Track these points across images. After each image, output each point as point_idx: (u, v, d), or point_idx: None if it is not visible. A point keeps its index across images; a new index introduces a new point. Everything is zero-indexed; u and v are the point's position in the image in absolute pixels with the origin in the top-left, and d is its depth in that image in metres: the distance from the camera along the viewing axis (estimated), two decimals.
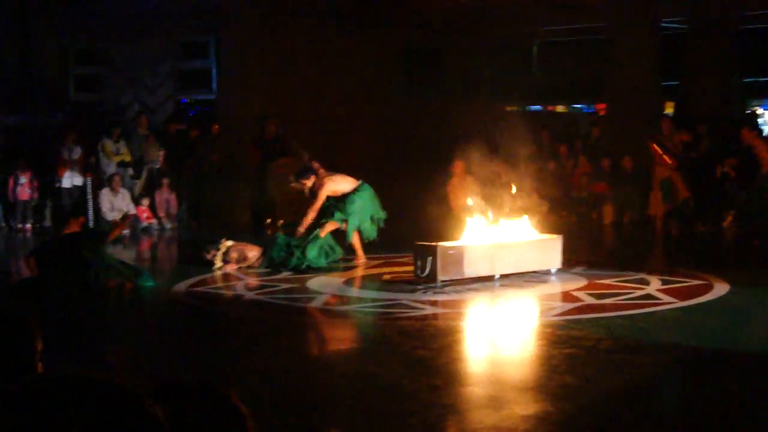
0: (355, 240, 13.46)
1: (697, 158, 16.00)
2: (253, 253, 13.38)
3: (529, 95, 19.49)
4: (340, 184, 13.41)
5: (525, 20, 19.14)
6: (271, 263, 13.24)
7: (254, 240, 14.24)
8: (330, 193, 13.29)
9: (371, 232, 13.53)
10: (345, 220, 13.24)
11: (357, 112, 19.56)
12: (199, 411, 2.41)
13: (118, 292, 11.69)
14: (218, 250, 13.33)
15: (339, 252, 13.46)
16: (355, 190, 13.38)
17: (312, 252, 13.10)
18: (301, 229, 13.24)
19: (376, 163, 19.17)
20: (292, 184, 13.70)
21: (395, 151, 19.40)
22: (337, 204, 13.32)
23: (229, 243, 13.41)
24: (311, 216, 13.26)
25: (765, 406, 7.19)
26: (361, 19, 19.81)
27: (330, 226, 13.30)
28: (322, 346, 9.46)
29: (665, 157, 15.55)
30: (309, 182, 13.39)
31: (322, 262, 13.15)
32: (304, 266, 12.99)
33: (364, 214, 13.40)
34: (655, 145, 15.82)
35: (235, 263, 13.27)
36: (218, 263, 13.25)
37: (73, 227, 12.25)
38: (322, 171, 13.73)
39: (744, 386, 7.82)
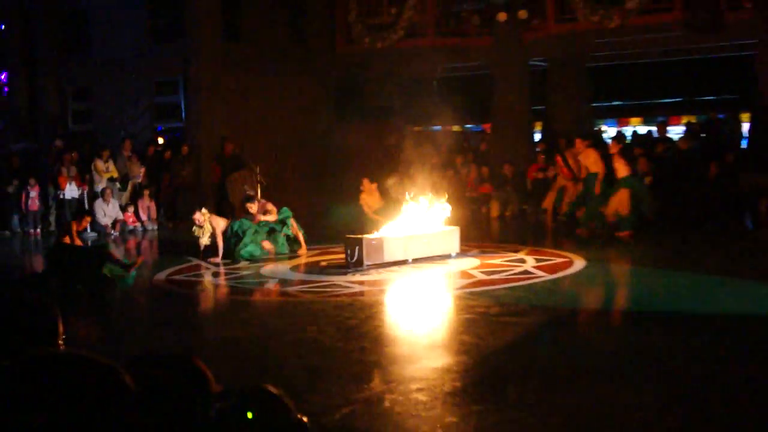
0: (299, 236, 13.46)
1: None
2: (222, 223, 13.24)
3: (432, 118, 19.57)
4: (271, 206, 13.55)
5: (427, 61, 19.23)
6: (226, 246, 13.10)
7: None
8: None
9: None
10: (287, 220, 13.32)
11: (297, 134, 19.52)
12: (169, 376, 2.36)
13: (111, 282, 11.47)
14: (200, 211, 13.22)
15: (296, 247, 13.41)
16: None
17: (247, 242, 12.95)
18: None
19: (311, 174, 19.20)
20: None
21: (326, 164, 19.36)
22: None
23: (205, 210, 13.34)
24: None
25: (620, 352, 7.28)
26: (300, 60, 19.78)
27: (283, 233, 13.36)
28: (272, 319, 9.36)
29: (564, 169, 15.35)
30: (254, 206, 13.43)
31: (257, 253, 13.00)
32: (241, 253, 12.87)
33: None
34: (560, 158, 15.61)
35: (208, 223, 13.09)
36: (203, 226, 13.07)
37: (83, 225, 12.01)
38: (258, 197, 14.11)
39: (602, 338, 7.93)
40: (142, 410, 2.17)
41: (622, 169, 13.57)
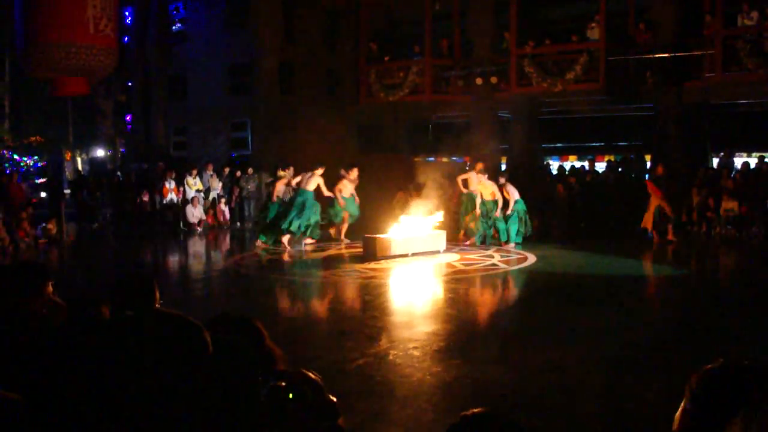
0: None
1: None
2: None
3: (427, 151, 19.48)
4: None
5: (425, 110, 19.16)
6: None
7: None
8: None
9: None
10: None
11: (329, 161, 19.39)
12: (237, 332, 2.31)
13: None
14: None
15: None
16: None
17: (294, 224, 12.63)
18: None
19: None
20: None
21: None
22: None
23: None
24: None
25: (561, 321, 7.14)
26: (334, 108, 19.74)
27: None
28: (308, 294, 9.26)
29: (658, 191, 13.19)
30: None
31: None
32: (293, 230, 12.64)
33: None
34: (649, 182, 13.60)
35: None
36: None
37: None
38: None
39: (547, 311, 7.79)
40: (214, 360, 2.08)
41: (510, 196, 13.13)
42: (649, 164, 17.20)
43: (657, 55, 15.36)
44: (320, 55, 19.89)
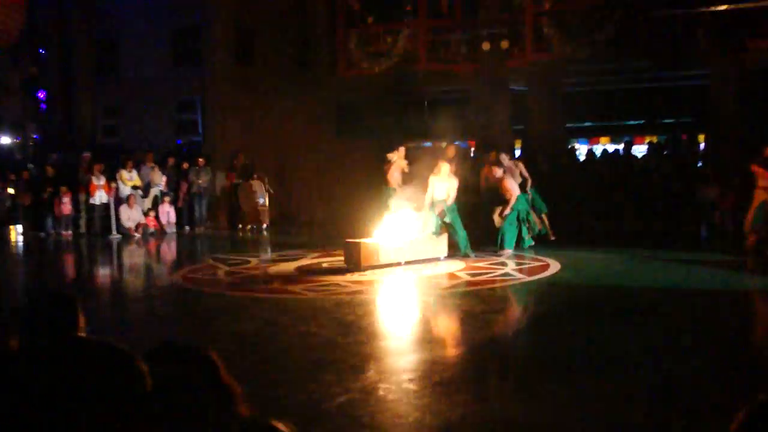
0: None
1: None
2: None
3: (423, 135, 19.52)
4: None
5: (419, 84, 19.18)
6: None
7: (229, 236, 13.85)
8: None
9: None
10: None
11: (301, 148, 19.45)
12: (183, 365, 2.27)
13: None
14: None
15: None
16: None
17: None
18: None
19: (313, 185, 19.15)
20: None
21: (328, 176, 19.24)
22: None
23: None
24: None
25: (588, 345, 7.14)
26: (305, 82, 19.70)
27: None
28: (278, 315, 9.19)
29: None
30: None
31: None
32: None
33: None
34: (758, 167, 11.92)
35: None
36: None
37: None
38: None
39: (573, 332, 7.79)
40: (154, 398, 2.04)
41: (511, 192, 13.03)
42: (702, 146, 17.31)
43: (711, 9, 15.42)
44: (288, 16, 19.88)
